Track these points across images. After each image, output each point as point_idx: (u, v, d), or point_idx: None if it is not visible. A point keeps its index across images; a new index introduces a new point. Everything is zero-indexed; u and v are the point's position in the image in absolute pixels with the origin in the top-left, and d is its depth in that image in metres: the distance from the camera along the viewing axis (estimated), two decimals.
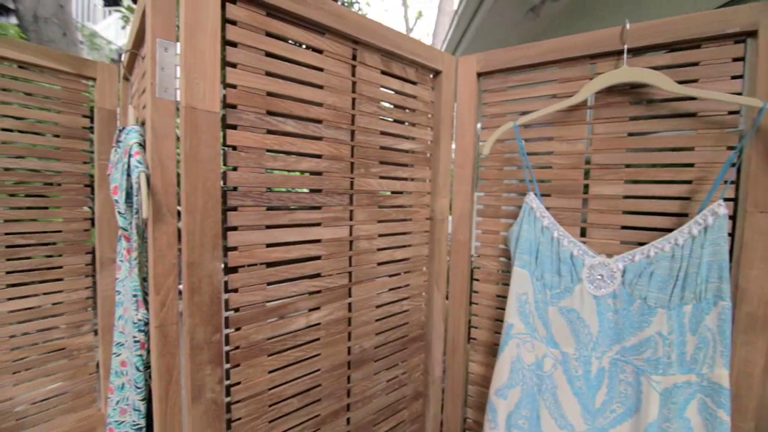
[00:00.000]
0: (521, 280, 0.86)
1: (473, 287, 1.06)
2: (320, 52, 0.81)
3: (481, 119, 1.03)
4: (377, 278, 0.97)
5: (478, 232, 1.05)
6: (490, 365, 1.01)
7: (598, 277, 0.79)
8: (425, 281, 1.10)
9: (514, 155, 0.98)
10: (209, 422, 0.68)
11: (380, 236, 0.96)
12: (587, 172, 0.88)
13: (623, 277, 0.77)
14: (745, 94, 0.73)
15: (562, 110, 0.88)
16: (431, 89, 1.05)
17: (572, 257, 0.82)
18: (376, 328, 0.98)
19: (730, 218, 0.71)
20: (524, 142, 0.91)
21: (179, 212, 0.66)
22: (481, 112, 1.03)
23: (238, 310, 0.73)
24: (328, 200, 0.84)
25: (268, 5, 0.71)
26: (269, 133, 0.74)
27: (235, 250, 0.71)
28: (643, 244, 0.77)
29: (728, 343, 0.68)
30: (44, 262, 1.16)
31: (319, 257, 0.84)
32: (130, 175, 0.69)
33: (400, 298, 1.04)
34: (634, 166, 0.83)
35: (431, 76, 1.05)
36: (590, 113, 0.88)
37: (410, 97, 1.00)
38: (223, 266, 0.69)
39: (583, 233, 0.89)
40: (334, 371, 0.89)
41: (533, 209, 0.87)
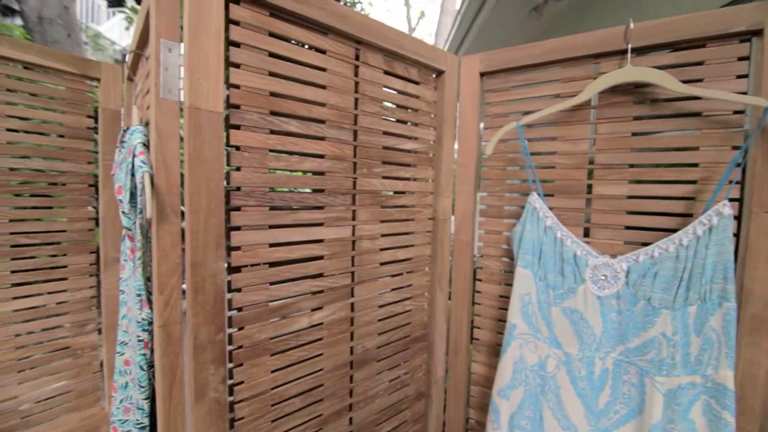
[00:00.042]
0: (524, 280, 0.86)
1: (476, 287, 1.06)
2: (323, 52, 0.81)
3: (484, 119, 1.03)
4: (380, 278, 0.97)
5: (480, 232, 1.05)
6: (492, 366, 1.01)
7: (601, 277, 0.79)
8: (428, 281, 1.10)
9: (517, 155, 0.97)
10: (212, 421, 0.68)
11: (383, 236, 0.96)
12: (591, 172, 0.88)
13: (627, 277, 0.77)
14: (750, 93, 0.73)
15: (565, 110, 0.88)
16: (434, 89, 1.05)
17: (575, 257, 0.82)
18: (378, 328, 0.98)
19: (735, 219, 0.71)
20: (527, 141, 0.91)
21: (183, 212, 0.66)
22: (484, 111, 1.03)
23: (241, 309, 0.73)
24: (330, 200, 0.85)
25: (271, 6, 0.71)
26: (272, 133, 0.74)
27: (238, 249, 0.71)
28: (647, 244, 0.77)
29: (733, 344, 0.68)
30: (49, 261, 1.17)
31: (321, 257, 0.84)
32: (134, 175, 0.69)
33: (402, 298, 1.04)
34: (638, 166, 0.83)
35: (434, 75, 1.05)
36: (594, 113, 0.88)
37: (413, 97, 1.00)
38: (226, 266, 0.70)
39: (586, 233, 0.89)
40: (336, 371, 0.90)
41: (536, 209, 0.87)
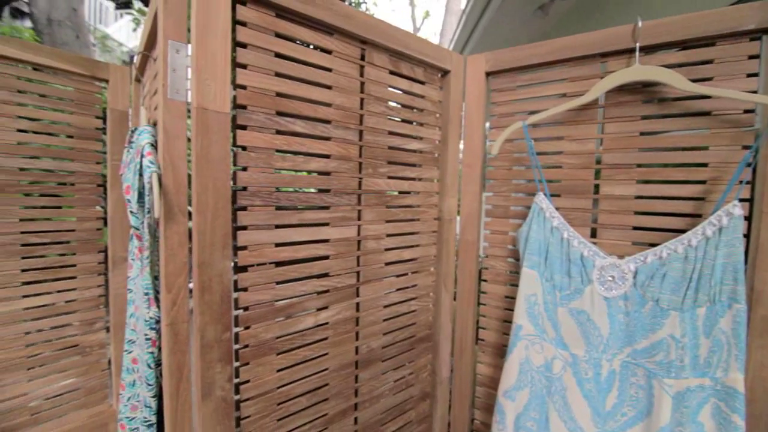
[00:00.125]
0: (530, 281, 0.86)
1: (481, 288, 1.06)
2: (329, 52, 0.81)
3: (489, 119, 1.03)
4: (385, 278, 0.97)
5: (486, 232, 1.04)
6: (498, 366, 1.01)
7: (609, 278, 0.78)
8: (433, 281, 1.10)
9: (523, 155, 0.97)
10: (219, 419, 0.69)
11: (388, 236, 0.96)
12: (598, 171, 0.87)
13: (635, 278, 0.76)
14: (761, 92, 0.72)
15: (572, 109, 0.87)
16: (439, 89, 1.05)
17: (582, 258, 0.82)
18: (383, 328, 0.98)
19: (745, 219, 0.70)
20: (533, 141, 0.91)
21: (190, 212, 0.66)
22: (489, 111, 1.03)
23: (247, 308, 0.73)
24: (336, 200, 0.85)
25: (277, 6, 0.71)
26: (278, 133, 0.75)
27: (244, 249, 0.72)
28: (655, 245, 0.76)
29: (743, 346, 0.67)
30: (58, 260, 1.19)
31: (327, 257, 0.84)
32: (142, 175, 0.70)
33: (407, 298, 1.04)
34: (646, 165, 0.82)
35: (439, 75, 1.05)
36: (601, 112, 0.87)
37: (418, 96, 1.00)
38: (233, 265, 0.70)
39: (593, 234, 0.88)
40: (341, 371, 0.90)
41: (543, 209, 0.87)
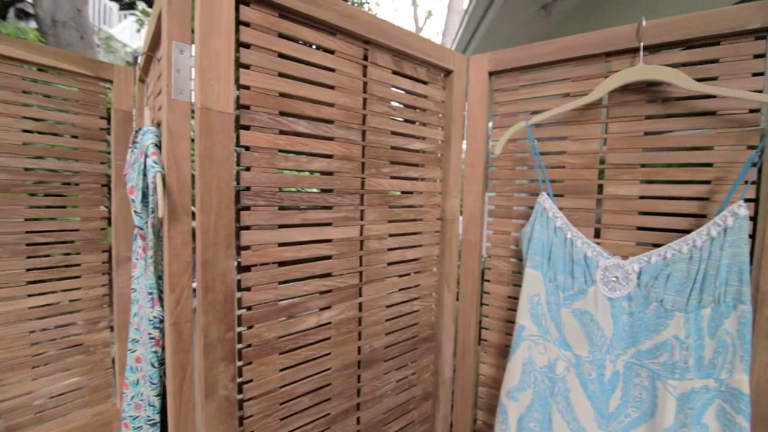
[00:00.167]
0: (533, 281, 0.85)
1: (484, 288, 1.05)
2: (332, 52, 0.81)
3: (492, 118, 1.03)
4: (387, 278, 0.97)
5: (489, 232, 1.04)
6: (500, 367, 1.00)
7: (612, 278, 0.78)
8: (436, 281, 1.10)
9: (526, 155, 0.97)
10: (222, 419, 0.69)
11: (391, 236, 0.96)
12: (601, 172, 0.87)
13: (639, 279, 0.76)
14: (766, 91, 0.71)
15: (575, 109, 0.87)
16: (442, 89, 1.05)
17: (586, 258, 0.81)
18: (386, 328, 0.98)
19: (750, 219, 0.69)
20: (536, 141, 0.90)
21: (194, 212, 0.67)
22: (492, 111, 1.03)
23: (250, 308, 0.73)
24: (339, 200, 0.85)
25: (280, 6, 0.72)
26: (281, 133, 0.75)
27: (248, 249, 0.72)
28: (659, 245, 0.76)
29: (748, 347, 0.67)
30: (62, 259, 1.19)
31: (329, 257, 0.84)
32: (146, 175, 0.70)
33: (410, 298, 1.04)
34: (650, 165, 0.82)
35: (442, 75, 1.05)
36: (605, 112, 0.87)
37: (421, 96, 1.00)
38: (236, 265, 0.70)
39: (597, 234, 0.88)
40: (344, 370, 0.90)
41: (546, 210, 0.86)
